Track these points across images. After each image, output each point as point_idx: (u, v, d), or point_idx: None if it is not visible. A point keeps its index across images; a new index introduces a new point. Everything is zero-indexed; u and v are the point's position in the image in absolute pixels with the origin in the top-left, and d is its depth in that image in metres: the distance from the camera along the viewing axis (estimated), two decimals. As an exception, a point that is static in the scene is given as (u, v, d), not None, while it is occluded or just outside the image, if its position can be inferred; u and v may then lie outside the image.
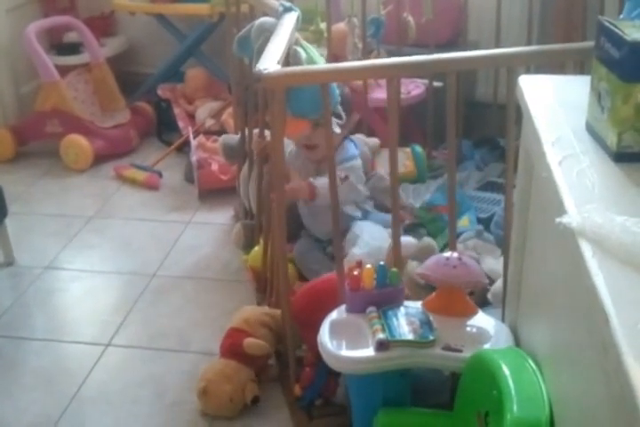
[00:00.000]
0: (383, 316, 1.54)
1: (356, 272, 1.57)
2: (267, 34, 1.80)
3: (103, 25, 3.56)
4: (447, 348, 1.48)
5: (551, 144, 1.19)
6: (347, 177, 2.14)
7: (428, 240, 2.03)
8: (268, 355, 1.93)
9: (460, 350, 1.47)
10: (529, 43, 2.62)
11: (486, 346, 1.47)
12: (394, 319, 1.53)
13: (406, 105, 2.73)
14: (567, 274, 1.06)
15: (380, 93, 2.74)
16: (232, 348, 1.90)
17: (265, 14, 1.97)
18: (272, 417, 1.86)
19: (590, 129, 1.20)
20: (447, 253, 1.60)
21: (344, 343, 1.52)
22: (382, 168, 2.48)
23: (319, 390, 1.79)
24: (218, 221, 2.77)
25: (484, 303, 1.87)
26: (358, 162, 2.24)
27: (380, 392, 1.55)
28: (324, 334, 1.54)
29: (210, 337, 2.12)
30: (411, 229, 2.39)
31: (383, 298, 1.58)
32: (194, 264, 2.52)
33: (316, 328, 1.74)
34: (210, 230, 2.72)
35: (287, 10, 1.84)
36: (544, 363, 1.25)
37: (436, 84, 2.79)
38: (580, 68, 2.05)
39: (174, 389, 1.96)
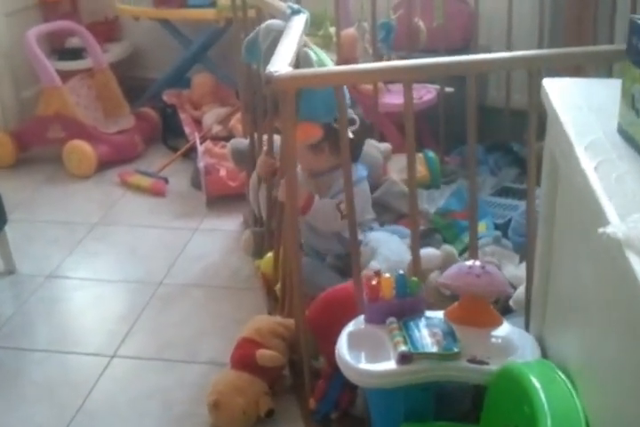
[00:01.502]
0: (404, 327, 1.48)
1: (374, 282, 1.52)
2: (274, 34, 1.75)
3: (107, 30, 3.52)
4: (473, 360, 1.42)
5: (584, 148, 1.14)
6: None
7: (448, 249, 1.97)
8: (281, 366, 1.87)
9: (486, 363, 1.42)
10: (540, 47, 2.57)
11: (513, 358, 1.41)
12: (415, 331, 1.47)
13: (418, 110, 2.66)
14: (607, 286, 1.02)
15: (390, 99, 2.69)
16: (244, 359, 1.84)
17: (272, 17, 1.92)
18: (286, 431, 1.80)
19: (624, 133, 1.15)
20: (469, 262, 1.54)
21: (363, 356, 1.47)
22: (395, 173, 2.44)
23: (334, 403, 1.73)
24: (226, 227, 2.72)
25: (505, 310, 1.82)
26: (364, 186, 2.16)
27: (402, 406, 1.49)
28: (343, 347, 1.48)
29: (219, 347, 2.06)
30: (426, 235, 2.34)
31: (403, 308, 1.52)
32: (202, 272, 2.46)
33: (332, 339, 1.68)
34: (218, 237, 2.66)
35: (296, 12, 1.79)
36: (577, 376, 1.20)
37: (447, 89, 2.75)
38: (597, 71, 2.00)
39: (183, 401, 1.89)
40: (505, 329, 1.52)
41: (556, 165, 1.31)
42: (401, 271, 1.54)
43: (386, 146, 2.47)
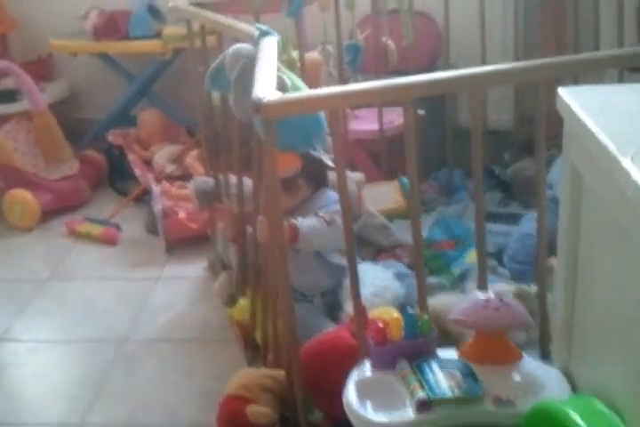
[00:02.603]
0: (418, 370, 1.33)
1: (381, 324, 1.36)
2: (244, 61, 1.60)
3: (40, 69, 3.29)
4: (497, 402, 1.28)
5: (630, 159, 1.01)
6: (333, 220, 1.91)
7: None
8: (272, 423, 1.67)
9: (512, 404, 1.28)
10: (517, 60, 2.49)
11: (541, 395, 1.28)
12: (431, 374, 1.33)
13: (390, 135, 2.55)
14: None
15: (358, 125, 2.57)
16: (232, 418, 1.64)
17: (237, 41, 1.77)
18: None
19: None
20: (484, 295, 1.39)
21: (375, 406, 1.30)
22: (371, 205, 2.30)
23: (341, 462, 1.54)
24: (190, 274, 2.51)
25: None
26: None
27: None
28: (351, 398, 1.32)
29: (200, 407, 1.87)
30: (411, 268, 2.21)
31: (414, 350, 1.37)
32: (168, 325, 2.25)
33: (328, 393, 1.53)
34: (182, 286, 2.46)
35: (264, 34, 1.64)
36: (625, 410, 1.07)
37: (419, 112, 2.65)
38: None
39: (167, 473, 1.69)
40: (527, 364, 1.39)
41: (580, 179, 1.21)
42: (410, 310, 1.38)
43: (359, 175, 2.33)
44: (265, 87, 1.33)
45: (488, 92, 2.65)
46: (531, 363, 1.39)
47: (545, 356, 1.54)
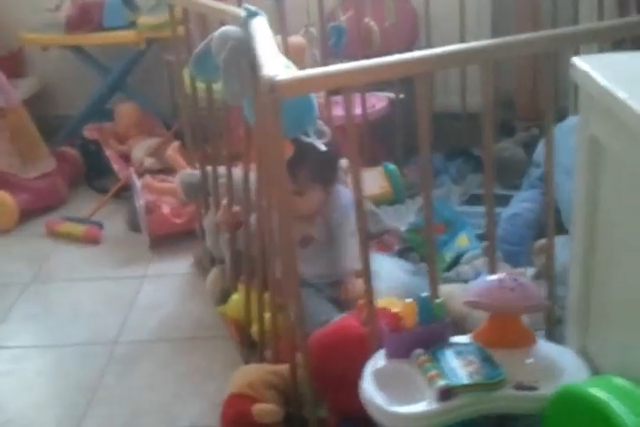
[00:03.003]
0: (434, 358, 1.28)
1: (395, 309, 1.30)
2: (232, 43, 1.53)
3: (11, 64, 3.16)
4: (519, 386, 1.24)
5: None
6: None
7: None
8: (279, 421, 1.62)
9: (535, 388, 1.24)
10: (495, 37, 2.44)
11: (562, 378, 1.24)
12: (448, 361, 1.28)
13: (372, 120, 2.49)
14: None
15: (340, 111, 2.50)
16: (238, 418, 1.57)
17: (223, 24, 1.69)
18: None
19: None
20: (497, 275, 1.34)
21: (394, 397, 1.25)
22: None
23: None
24: (177, 271, 2.44)
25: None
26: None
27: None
28: (370, 390, 1.26)
29: (199, 408, 1.82)
30: (401, 255, 2.17)
31: (430, 337, 1.32)
32: (159, 324, 2.18)
33: (336, 386, 1.50)
34: (169, 283, 2.38)
35: (253, 14, 1.56)
36: None
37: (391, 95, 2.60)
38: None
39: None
40: (542, 347, 1.35)
41: (600, 149, 1.17)
42: (424, 294, 1.32)
43: (344, 162, 2.27)
44: (274, 66, 1.26)
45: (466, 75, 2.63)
46: (545, 346, 1.35)
47: (550, 339, 1.49)
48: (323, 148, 1.66)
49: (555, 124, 1.51)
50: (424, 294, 1.33)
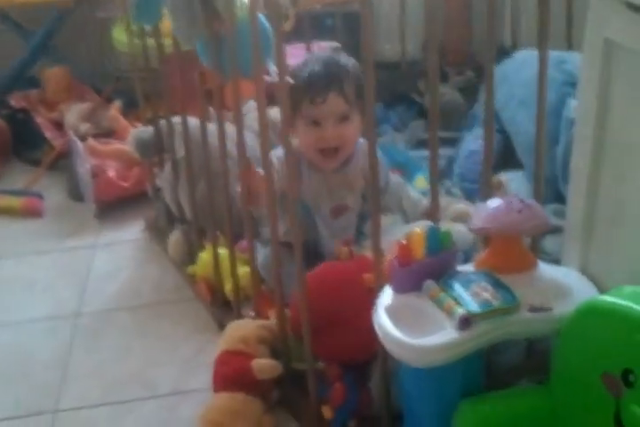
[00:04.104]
0: (447, 288, 1.25)
1: (404, 242, 1.26)
2: None
3: None
4: (534, 309, 1.23)
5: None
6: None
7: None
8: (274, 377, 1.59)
9: (549, 309, 1.23)
10: None
11: (573, 298, 1.23)
12: (462, 289, 1.24)
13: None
14: None
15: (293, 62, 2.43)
16: (236, 375, 1.53)
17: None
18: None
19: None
20: (501, 199, 1.31)
21: (412, 331, 1.21)
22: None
23: (354, 407, 1.48)
24: (128, 237, 2.36)
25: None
26: None
27: (460, 381, 1.27)
28: (387, 325, 1.22)
29: (178, 373, 1.77)
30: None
31: (438, 267, 1.28)
32: (120, 292, 2.11)
33: (335, 332, 1.47)
34: (124, 250, 2.30)
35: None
36: None
37: (334, 44, 2.53)
38: None
39: (162, 444, 1.59)
40: (545, 269, 1.34)
41: (614, 53, 1.13)
42: (430, 223, 1.30)
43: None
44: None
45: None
46: (547, 268, 1.34)
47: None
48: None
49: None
50: (430, 224, 1.30)
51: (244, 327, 1.61)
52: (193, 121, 1.80)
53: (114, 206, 2.47)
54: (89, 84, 2.93)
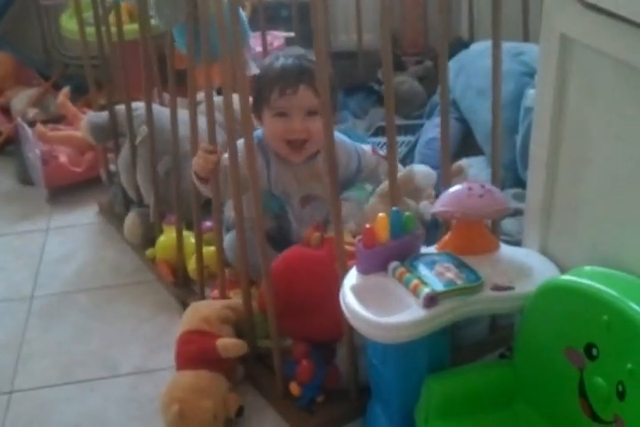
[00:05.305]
0: (412, 268, 1.28)
1: (368, 225, 1.29)
2: None
3: None
4: (497, 288, 1.26)
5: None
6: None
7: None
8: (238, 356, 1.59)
9: (512, 288, 1.26)
10: None
11: (535, 277, 1.27)
12: (426, 270, 1.27)
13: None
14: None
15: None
16: (200, 354, 1.52)
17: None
18: (263, 425, 1.53)
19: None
20: (464, 184, 1.35)
21: (379, 309, 1.23)
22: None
23: (322, 383, 1.49)
24: (82, 221, 2.32)
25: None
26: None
27: (426, 357, 1.30)
28: (354, 304, 1.24)
29: (139, 352, 1.76)
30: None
31: (402, 249, 1.31)
32: (76, 275, 2.07)
33: (304, 313, 1.49)
34: (77, 234, 2.26)
35: None
36: None
37: (288, 34, 2.56)
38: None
39: (124, 422, 1.56)
40: (506, 250, 1.37)
41: (569, 47, 1.17)
42: (394, 208, 1.31)
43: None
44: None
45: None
46: (509, 249, 1.37)
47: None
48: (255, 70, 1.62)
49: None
50: (394, 208, 1.32)
51: (206, 308, 1.60)
52: (156, 107, 1.79)
53: (65, 191, 2.43)
54: (36, 71, 2.88)
